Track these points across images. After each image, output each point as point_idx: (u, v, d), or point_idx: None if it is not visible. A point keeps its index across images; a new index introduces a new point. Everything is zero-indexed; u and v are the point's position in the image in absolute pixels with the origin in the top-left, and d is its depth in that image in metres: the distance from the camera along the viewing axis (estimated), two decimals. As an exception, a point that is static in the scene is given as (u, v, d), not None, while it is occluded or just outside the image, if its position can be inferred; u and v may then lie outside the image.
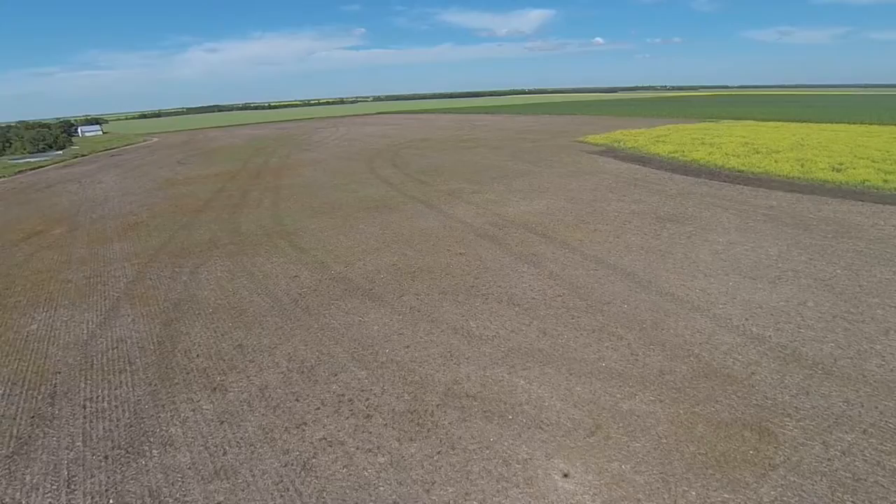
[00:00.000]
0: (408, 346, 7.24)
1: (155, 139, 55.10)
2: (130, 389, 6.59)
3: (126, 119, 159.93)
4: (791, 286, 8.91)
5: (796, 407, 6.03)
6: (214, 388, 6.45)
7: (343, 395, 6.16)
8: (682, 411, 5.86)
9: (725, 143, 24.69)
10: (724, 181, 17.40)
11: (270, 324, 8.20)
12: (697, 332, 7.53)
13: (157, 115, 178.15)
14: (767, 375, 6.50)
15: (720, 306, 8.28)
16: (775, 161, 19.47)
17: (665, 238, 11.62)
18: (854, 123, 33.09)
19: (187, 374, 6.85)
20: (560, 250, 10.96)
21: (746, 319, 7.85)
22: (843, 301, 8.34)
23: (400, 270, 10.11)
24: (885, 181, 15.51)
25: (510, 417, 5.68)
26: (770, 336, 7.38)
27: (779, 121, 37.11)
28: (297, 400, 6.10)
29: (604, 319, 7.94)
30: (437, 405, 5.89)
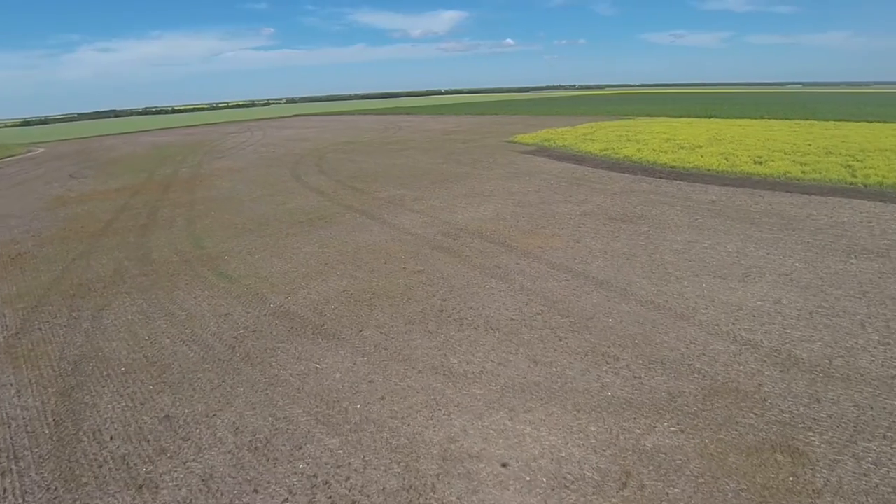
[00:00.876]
0: (382, 398, 6.04)
1: (41, 149, 47.74)
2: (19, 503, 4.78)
3: (5, 127, 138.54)
4: (761, 284, 8.87)
5: (813, 418, 5.68)
6: (140, 486, 4.84)
7: (315, 475, 4.87)
8: (707, 441, 5.29)
9: (649, 139, 25.72)
10: (661, 177, 17.83)
11: (204, 382, 6.59)
12: (691, 344, 7.10)
13: (43, 121, 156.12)
14: (774, 386, 6.16)
15: (703, 312, 7.96)
16: (701, 156, 20.40)
17: (624, 240, 11.35)
18: (755, 118, 36.30)
19: (99, 467, 5.14)
20: (524, 260, 10.26)
21: (733, 324, 7.57)
22: (811, 296, 8.39)
23: (353, 298, 8.80)
24: (804, 172, 16.65)
25: (528, 479, 4.74)
26: (761, 340, 7.12)
27: (690, 117, 39.85)
28: (255, 491, 4.71)
29: (592, 338, 7.28)
30: (437, 475, 4.80)
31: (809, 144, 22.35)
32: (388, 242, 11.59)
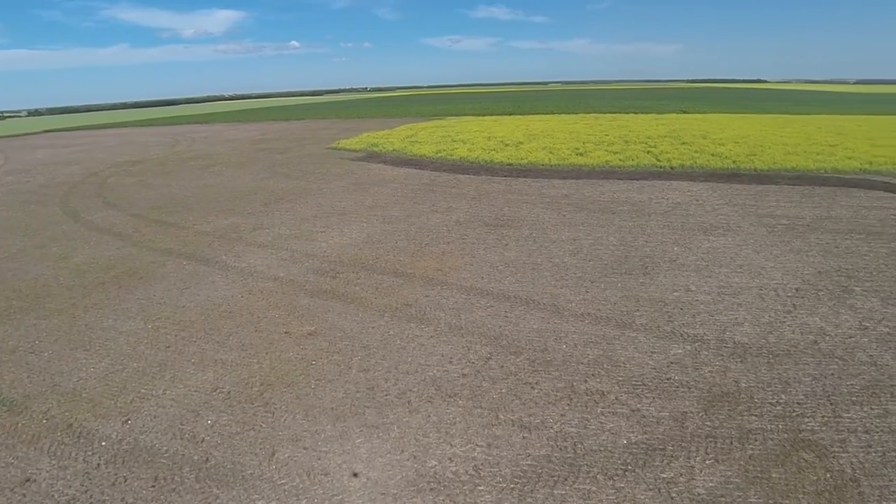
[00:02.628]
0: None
1: None
2: None
3: None
4: (662, 274, 9.07)
5: (798, 403, 5.60)
6: None
7: None
8: (749, 459, 4.63)
9: (473, 138, 26.45)
10: (505, 176, 18.11)
11: None
12: (652, 353, 6.57)
13: None
14: (747, 379, 5.95)
15: (637, 315, 7.61)
16: (528, 151, 21.58)
17: (515, 247, 10.69)
18: (547, 114, 41.03)
19: None
20: (432, 290, 8.66)
21: (669, 322, 7.37)
22: (709, 278, 8.86)
23: (233, 400, 5.80)
24: (621, 161, 18.80)
25: None
26: (704, 334, 7.02)
27: (493, 115, 42.95)
28: None
29: (562, 374, 6.18)
30: None
31: (607, 135, 25.82)
32: (246, 297, 8.62)
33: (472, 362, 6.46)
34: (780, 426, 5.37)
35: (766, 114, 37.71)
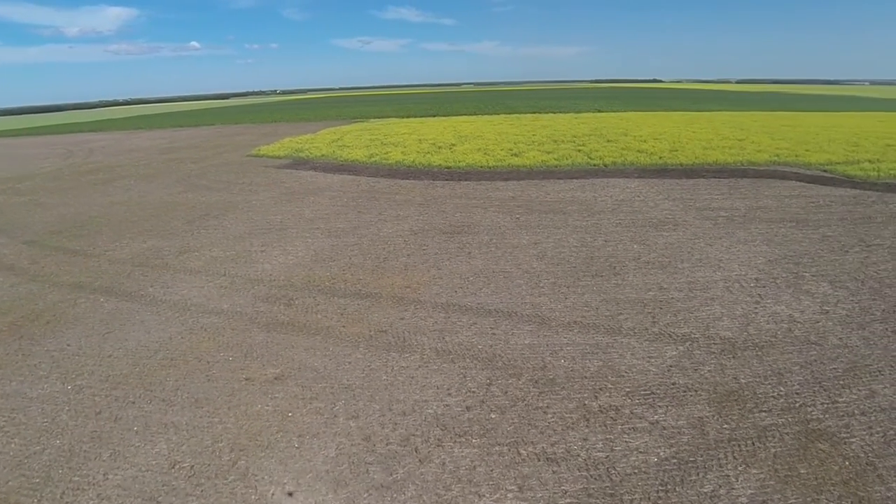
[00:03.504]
0: None
1: None
2: None
3: None
4: (631, 273, 9.06)
5: (796, 393, 5.68)
6: None
7: None
8: (775, 458, 4.49)
9: (404, 141, 25.75)
10: (447, 179, 17.65)
11: None
12: (650, 359, 6.39)
13: None
14: (744, 375, 5.95)
15: (622, 319, 7.45)
16: (464, 153, 21.32)
17: (480, 256, 10.23)
18: (472, 115, 41.21)
19: None
20: (405, 311, 7.91)
21: (654, 323, 7.28)
22: (675, 274, 8.98)
23: (203, 495, 4.63)
24: (557, 160, 19.09)
25: None
26: (691, 333, 6.99)
27: (416, 117, 42.34)
28: None
29: (569, 393, 5.76)
30: None
31: (535, 135, 26.31)
32: (188, 338, 7.28)
33: (473, 392, 5.85)
34: (790, 419, 5.39)
35: (672, 111, 40.92)
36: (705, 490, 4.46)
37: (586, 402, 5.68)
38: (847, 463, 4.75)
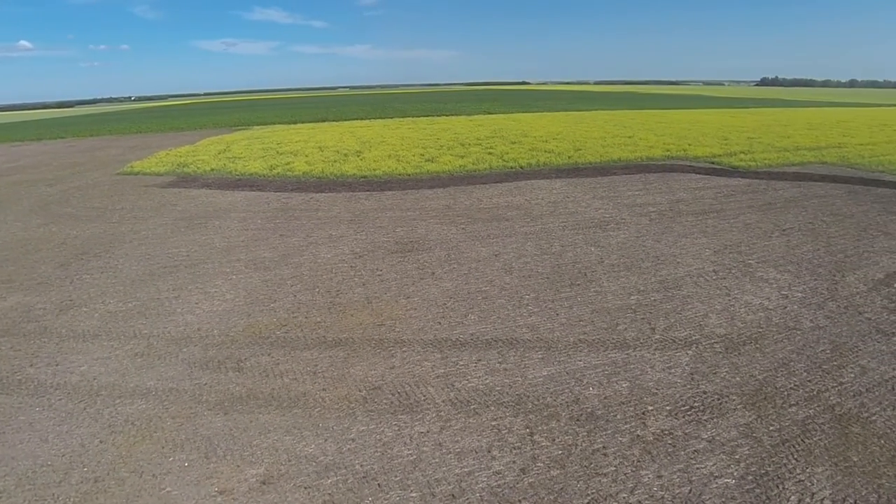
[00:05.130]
0: None
1: None
2: None
3: None
4: (604, 278, 8.90)
5: (809, 380, 5.87)
6: None
7: None
8: (827, 451, 4.40)
9: (304, 150, 23.64)
10: (368, 190, 16.36)
11: None
12: (670, 369, 6.12)
13: None
14: (758, 370, 5.97)
15: (622, 330, 7.16)
16: (375, 161, 20.13)
17: (444, 275, 9.34)
18: (365, 119, 39.46)
19: None
20: (392, 357, 6.70)
21: (653, 330, 7.10)
22: (645, 274, 9.02)
23: None
24: (474, 164, 18.78)
25: None
26: (691, 335, 6.91)
27: (304, 122, 39.38)
28: None
29: (616, 425, 5.20)
30: None
31: (438, 139, 25.90)
32: (108, 440, 5.22)
33: (518, 447, 4.98)
34: (818, 408, 5.58)
35: (556, 112, 43.64)
36: (793, 500, 4.37)
37: (638, 433, 5.18)
38: (883, 442, 5.03)
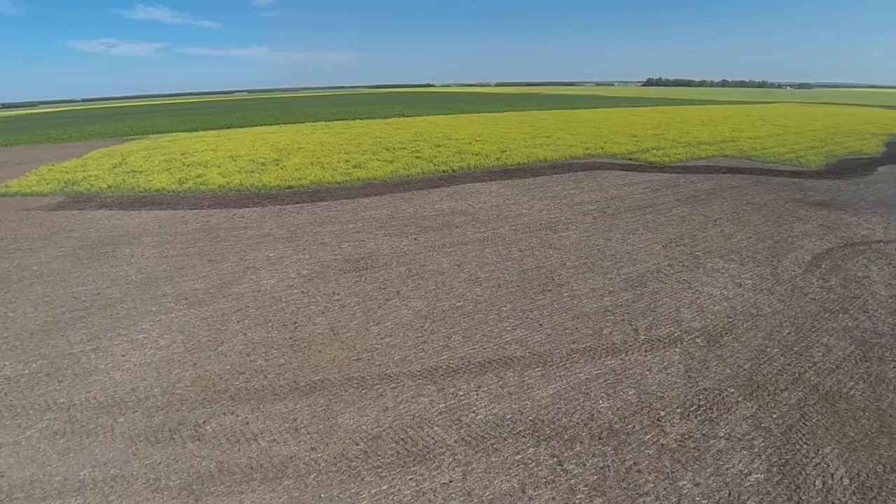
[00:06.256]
0: None
1: None
2: None
3: None
4: (572, 281, 8.89)
5: (788, 364, 6.17)
6: None
7: None
8: (860, 438, 4.64)
9: (214, 160, 21.38)
10: (299, 202, 15.08)
11: None
12: (666, 370, 6.16)
13: None
14: (741, 360, 6.24)
15: (609, 335, 7.11)
16: (298, 169, 18.81)
17: (410, 293, 8.72)
18: (274, 125, 36.72)
19: None
20: (381, 397, 5.97)
21: (635, 330, 7.16)
22: (608, 274, 9.15)
23: None
24: (405, 168, 18.14)
25: None
26: (672, 332, 7.06)
27: (207, 129, 35.69)
28: None
29: (638, 437, 5.05)
30: None
31: (360, 143, 24.90)
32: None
33: (551, 480, 4.59)
34: (805, 390, 6.01)
35: (470, 114, 44.20)
36: (817, 486, 4.57)
37: (661, 442, 5.09)
38: (868, 413, 5.50)
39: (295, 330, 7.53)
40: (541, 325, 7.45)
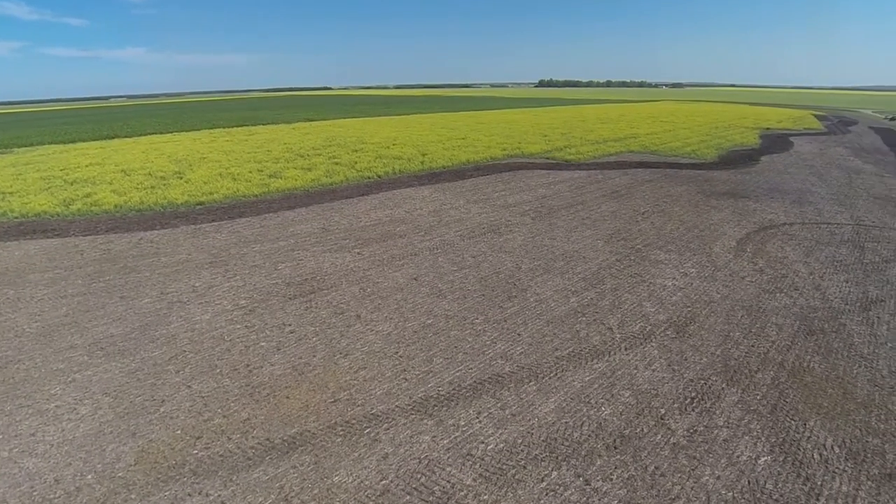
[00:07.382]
0: None
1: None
2: None
3: None
4: (534, 285, 8.88)
5: (752, 346, 6.70)
6: None
7: None
8: (812, 398, 5.06)
9: (101, 175, 18.34)
10: (215, 220, 13.45)
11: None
12: (651, 363, 6.33)
13: None
14: (713, 348, 6.63)
15: (589, 337, 7.14)
16: (205, 182, 16.95)
17: (372, 317, 8.09)
18: (166, 133, 32.57)
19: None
20: (376, 444, 5.34)
21: (610, 332, 7.28)
22: (563, 275, 9.29)
23: None
24: (328, 178, 17.09)
25: None
26: (644, 328, 7.28)
27: (84, 141, 30.52)
28: None
29: (657, 441, 5.10)
30: None
31: (270, 151, 23.16)
32: None
33: (581, 501, 4.37)
34: (774, 368, 6.49)
35: (377, 117, 43.23)
36: (816, 459, 4.85)
37: (672, 440, 5.17)
38: (830, 383, 6.10)
39: (250, 374, 6.55)
40: (519, 335, 7.27)
